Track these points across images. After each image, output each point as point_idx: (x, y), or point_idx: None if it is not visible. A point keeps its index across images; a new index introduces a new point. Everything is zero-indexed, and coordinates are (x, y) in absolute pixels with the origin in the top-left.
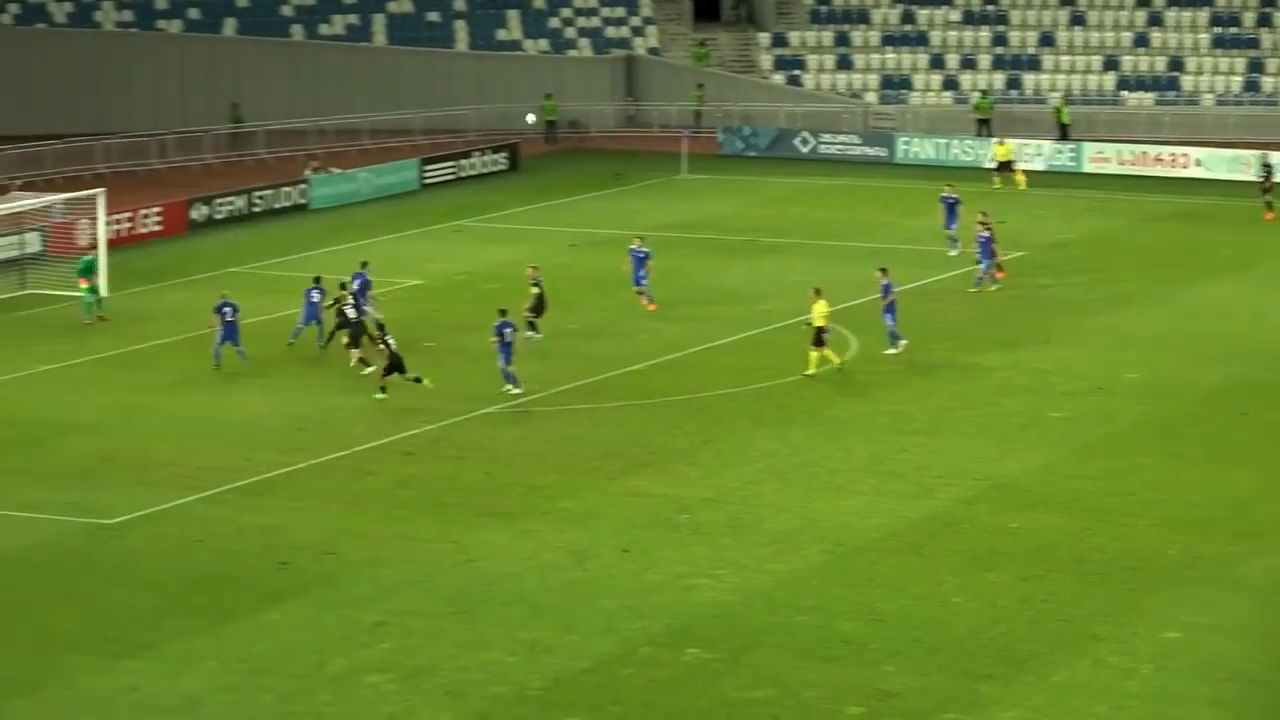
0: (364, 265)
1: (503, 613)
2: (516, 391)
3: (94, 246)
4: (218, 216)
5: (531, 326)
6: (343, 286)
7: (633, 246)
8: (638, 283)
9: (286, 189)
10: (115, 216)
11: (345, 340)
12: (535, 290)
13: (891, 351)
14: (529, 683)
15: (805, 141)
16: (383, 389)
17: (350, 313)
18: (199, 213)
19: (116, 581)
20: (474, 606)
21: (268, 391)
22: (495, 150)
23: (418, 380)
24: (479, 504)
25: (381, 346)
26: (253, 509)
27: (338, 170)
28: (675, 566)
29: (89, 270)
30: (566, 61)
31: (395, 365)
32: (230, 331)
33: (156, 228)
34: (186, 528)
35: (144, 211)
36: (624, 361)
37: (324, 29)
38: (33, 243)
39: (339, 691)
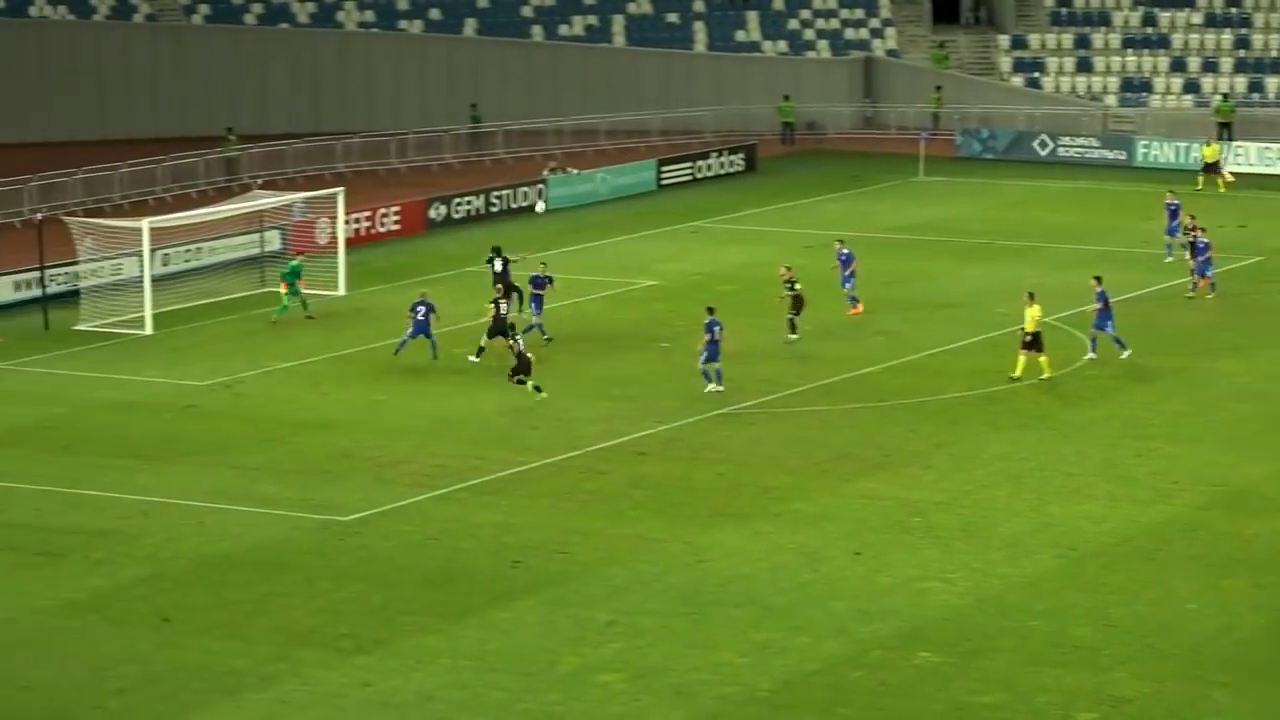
0: (543, 265)
1: (734, 614)
2: (718, 389)
3: (333, 245)
4: (455, 216)
5: (792, 328)
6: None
7: (837, 248)
8: (845, 284)
9: (524, 189)
10: (354, 215)
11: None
12: (792, 291)
13: (1090, 356)
14: (759, 684)
15: (1044, 144)
16: (537, 388)
17: (503, 308)
18: (437, 212)
19: (351, 578)
20: (705, 607)
21: (503, 391)
22: (732, 151)
23: (537, 389)
24: (711, 505)
25: (511, 344)
26: (486, 507)
27: (575, 171)
28: (907, 569)
29: (294, 275)
30: (805, 63)
31: (521, 367)
32: (421, 329)
33: (395, 227)
34: (421, 525)
35: (382, 211)
36: (858, 364)
37: (563, 30)
38: (273, 241)
39: (569, 690)
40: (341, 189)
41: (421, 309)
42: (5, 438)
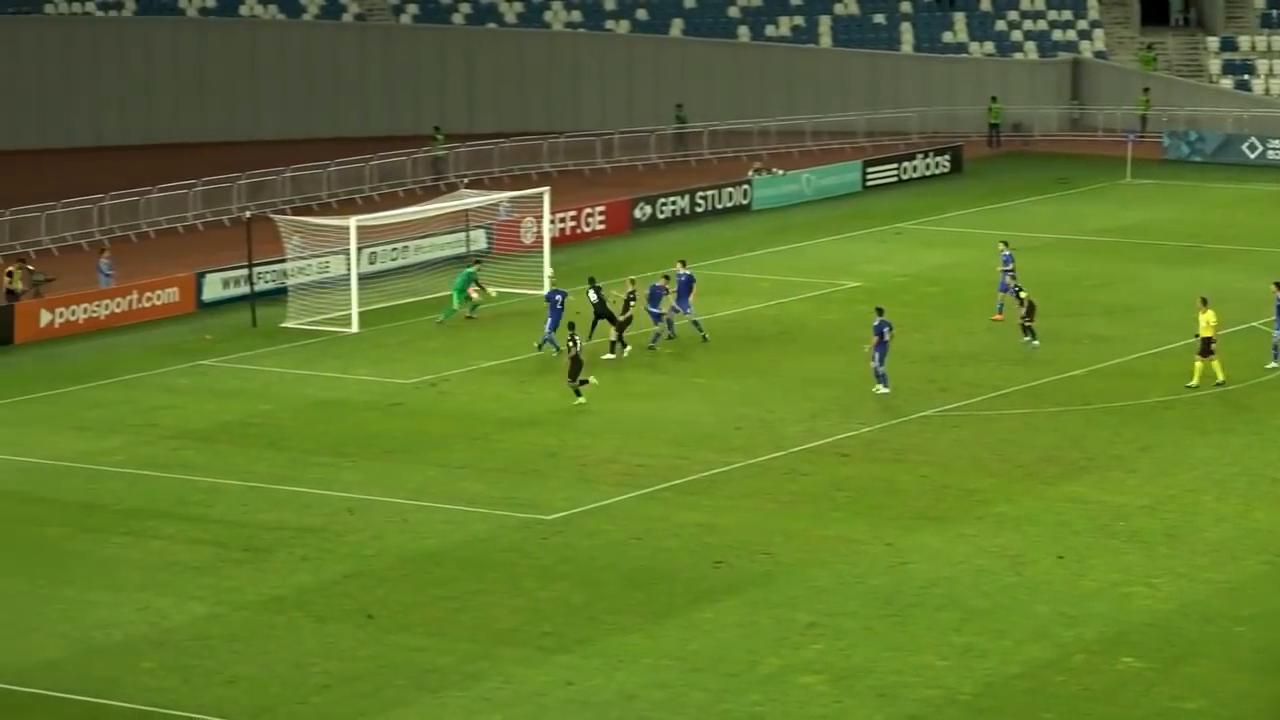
0: (683, 264)
1: (936, 616)
2: (885, 391)
3: (538, 244)
4: (660, 216)
5: (1030, 333)
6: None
7: (1001, 249)
8: (1003, 289)
9: (729, 189)
10: (559, 215)
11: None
12: (1025, 295)
13: (1271, 365)
14: (961, 687)
15: (1253, 147)
16: (583, 382)
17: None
18: (642, 212)
19: (554, 577)
20: (907, 609)
21: (706, 392)
22: (938, 153)
23: (580, 386)
24: (914, 507)
25: (570, 344)
26: (689, 508)
27: (780, 171)
28: (1110, 574)
29: (468, 282)
30: (1012, 64)
31: (574, 370)
32: (558, 319)
33: (600, 226)
34: (624, 525)
35: (588, 210)
36: (1064, 366)
37: (770, 30)
38: (478, 240)
39: (770, 691)
40: (547, 188)
41: (559, 298)
42: (213, 433)
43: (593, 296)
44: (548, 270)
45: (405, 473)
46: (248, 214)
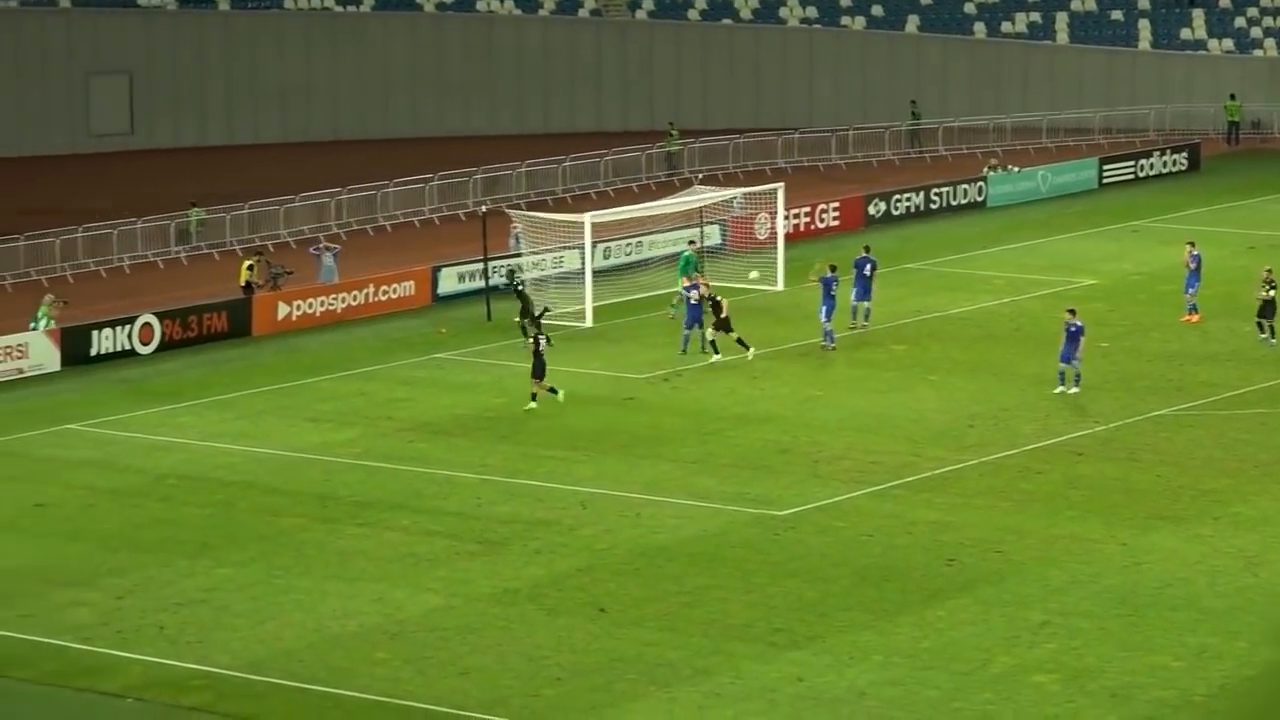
0: (867, 249)
1: (1170, 617)
2: (1071, 391)
3: (772, 240)
4: (895, 212)
5: (1270, 331)
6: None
7: (1188, 250)
8: (1189, 289)
9: (964, 186)
10: (793, 211)
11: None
12: (1269, 293)
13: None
14: (1195, 689)
15: None
16: (553, 390)
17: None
18: (876, 208)
19: (785, 573)
20: (1141, 609)
21: (939, 388)
22: (1175, 150)
23: (545, 390)
24: (1149, 507)
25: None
26: (922, 505)
27: (1016, 168)
28: None
29: (688, 268)
30: (1251, 61)
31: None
32: (695, 314)
33: (834, 223)
34: (856, 522)
35: (822, 206)
36: None
37: (1006, 27)
38: (713, 236)
39: (1002, 690)
40: (781, 184)
41: (694, 292)
42: (447, 427)
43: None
44: (753, 274)
45: (637, 467)
46: (483, 208)
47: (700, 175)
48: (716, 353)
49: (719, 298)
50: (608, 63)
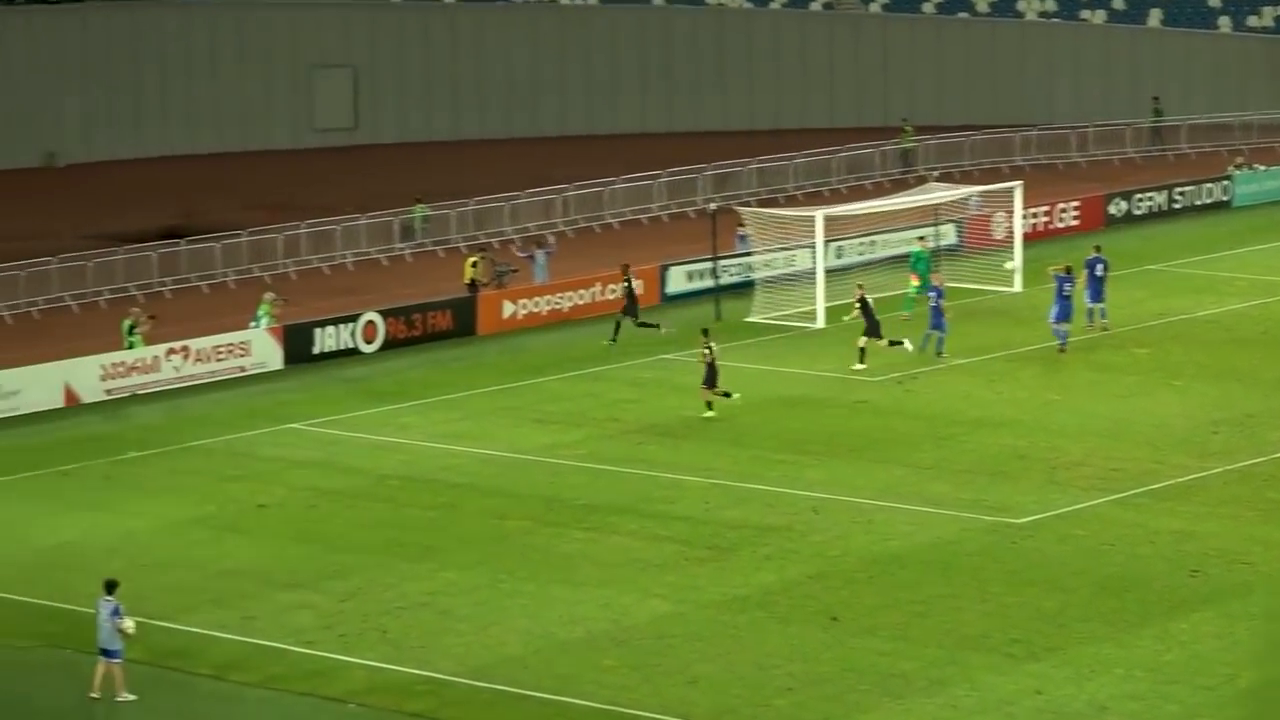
0: (1098, 249)
1: None
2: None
3: (1009, 240)
4: (1136, 212)
5: None
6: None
7: None
8: None
9: (1209, 185)
10: (1031, 210)
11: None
12: None
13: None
14: None
15: None
16: (727, 394)
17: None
18: (1117, 208)
19: (1023, 582)
20: None
21: (1182, 393)
22: None
23: (719, 397)
24: None
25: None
26: (1165, 514)
27: (1263, 167)
28: None
29: (919, 265)
30: None
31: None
32: (938, 317)
33: (1073, 222)
34: (1096, 530)
35: (1060, 205)
36: None
37: (1252, 21)
38: (948, 235)
39: (1251, 706)
40: (1019, 183)
41: (934, 294)
42: (677, 429)
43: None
44: (1010, 264)
45: (870, 472)
46: (712, 206)
47: (935, 173)
48: (861, 362)
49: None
50: (840, 57)
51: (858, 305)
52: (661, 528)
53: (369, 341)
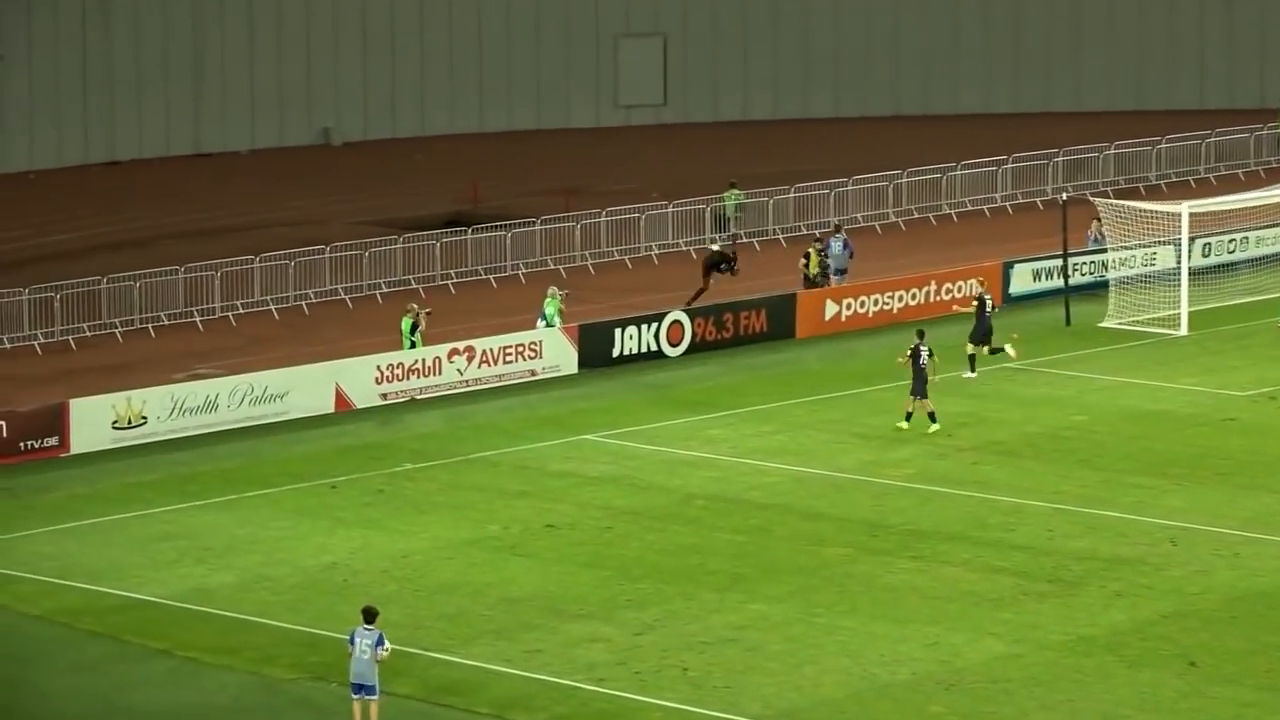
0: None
1: None
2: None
3: None
4: None
5: None
6: None
7: None
8: None
9: None
10: None
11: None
12: None
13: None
14: None
15: None
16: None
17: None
18: None
19: None
20: None
21: None
22: None
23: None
24: None
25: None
26: None
27: None
28: None
29: None
30: None
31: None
32: None
33: None
34: None
35: None
36: None
37: None
38: None
39: None
40: None
41: None
42: (1016, 447)
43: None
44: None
45: (1236, 499)
46: (1063, 196)
47: None
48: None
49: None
50: (1211, 32)
51: (975, 304)
52: (998, 558)
53: (674, 344)
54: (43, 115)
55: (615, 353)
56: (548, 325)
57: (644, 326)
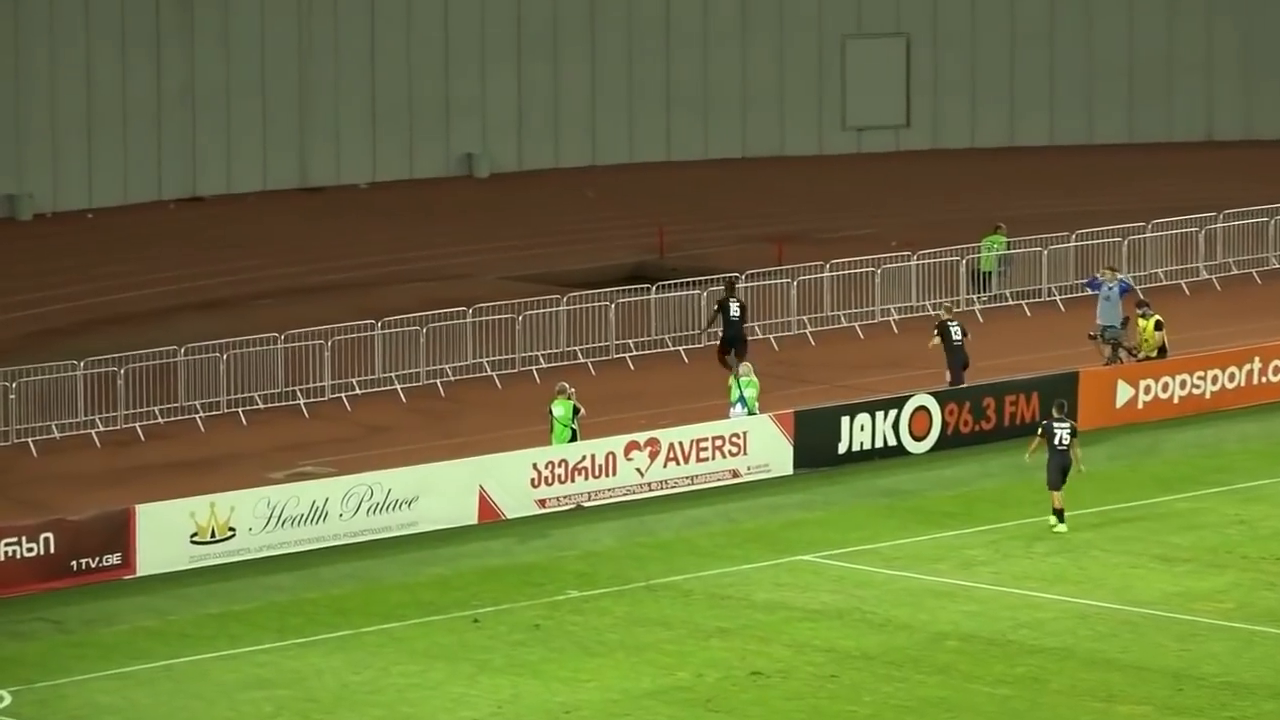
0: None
1: None
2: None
3: None
4: None
5: None
6: None
7: None
8: None
9: None
10: None
11: None
12: None
13: None
14: None
15: None
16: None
17: None
18: None
19: None
20: None
21: None
22: None
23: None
24: None
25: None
26: None
27: None
28: None
29: None
30: None
31: None
32: None
33: None
34: None
35: None
36: None
37: None
38: None
39: None
40: None
41: None
42: None
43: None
44: None
45: None
46: None
47: None
48: None
49: None
50: None
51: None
52: None
53: (918, 437)
54: (103, 139)
55: (841, 448)
56: (749, 411)
57: (879, 414)
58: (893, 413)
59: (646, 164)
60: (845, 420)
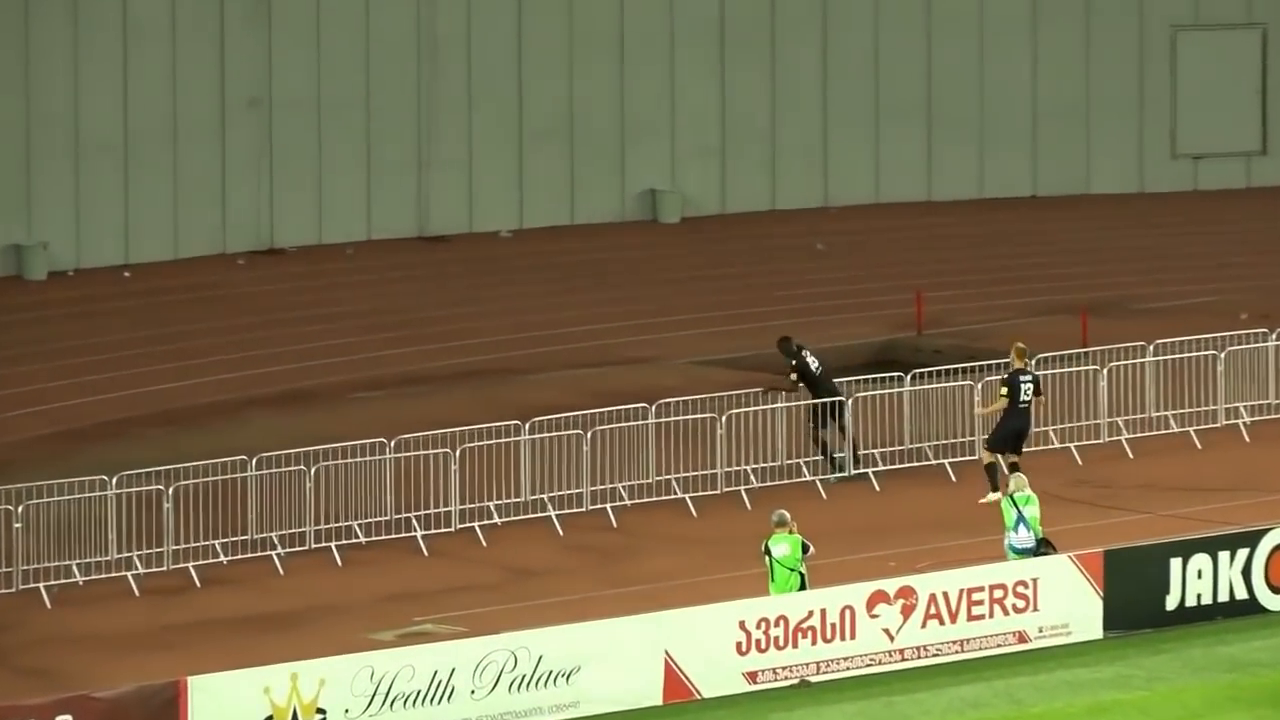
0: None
1: None
2: None
3: None
4: None
5: None
6: None
7: None
8: None
9: None
10: None
11: None
12: None
13: None
14: None
15: None
16: None
17: None
18: None
19: None
20: None
21: None
22: None
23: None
24: None
25: None
26: None
27: None
28: None
29: None
30: None
31: None
32: None
33: None
34: None
35: None
36: None
37: None
38: None
39: None
40: None
41: None
42: None
43: None
44: None
45: None
46: None
47: None
48: None
49: None
50: None
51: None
52: None
53: (1276, 589)
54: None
55: (1170, 602)
56: (1038, 541)
57: (1223, 554)
58: (1243, 553)
59: (898, 204)
60: (1176, 564)
